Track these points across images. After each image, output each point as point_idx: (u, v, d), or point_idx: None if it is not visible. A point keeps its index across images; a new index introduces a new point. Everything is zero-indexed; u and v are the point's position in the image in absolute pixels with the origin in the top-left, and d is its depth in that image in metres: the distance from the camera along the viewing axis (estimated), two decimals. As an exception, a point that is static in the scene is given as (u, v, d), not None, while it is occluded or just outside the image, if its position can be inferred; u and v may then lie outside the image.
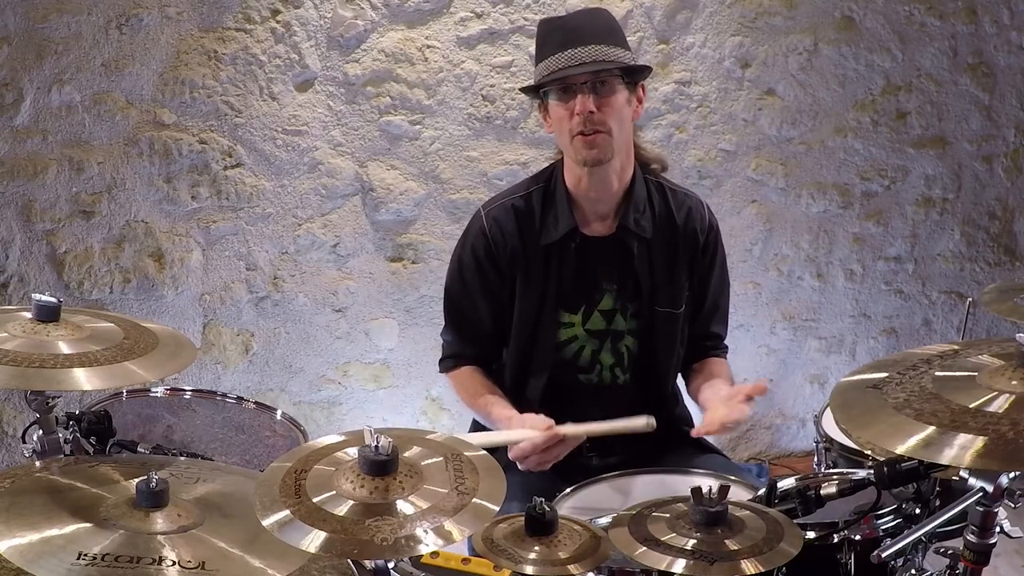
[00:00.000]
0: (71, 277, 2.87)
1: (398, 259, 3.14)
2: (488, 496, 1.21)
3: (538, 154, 3.09)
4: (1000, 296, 2.14)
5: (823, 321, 3.60)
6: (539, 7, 3.02)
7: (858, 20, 3.32)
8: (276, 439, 2.04)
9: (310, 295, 3.09)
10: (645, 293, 2.09)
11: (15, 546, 1.11)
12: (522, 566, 1.29)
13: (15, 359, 1.40)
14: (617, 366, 2.12)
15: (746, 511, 1.36)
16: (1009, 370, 1.26)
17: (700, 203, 2.15)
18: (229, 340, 3.06)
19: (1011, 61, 3.50)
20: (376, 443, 1.19)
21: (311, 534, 1.12)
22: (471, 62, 3.02)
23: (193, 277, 2.98)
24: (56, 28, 2.70)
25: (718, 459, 2.12)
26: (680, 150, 3.26)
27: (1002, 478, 1.24)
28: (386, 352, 3.20)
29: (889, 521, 1.60)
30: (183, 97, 2.84)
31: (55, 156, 2.79)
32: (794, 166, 3.41)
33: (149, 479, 1.21)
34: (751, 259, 3.46)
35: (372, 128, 3.00)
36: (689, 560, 1.24)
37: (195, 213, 2.94)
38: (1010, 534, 1.64)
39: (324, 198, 3.02)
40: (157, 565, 1.12)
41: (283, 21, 2.86)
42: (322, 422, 3.18)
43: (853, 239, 3.54)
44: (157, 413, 2.04)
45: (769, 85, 3.31)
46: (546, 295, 2.07)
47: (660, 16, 3.14)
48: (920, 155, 3.52)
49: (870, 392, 1.32)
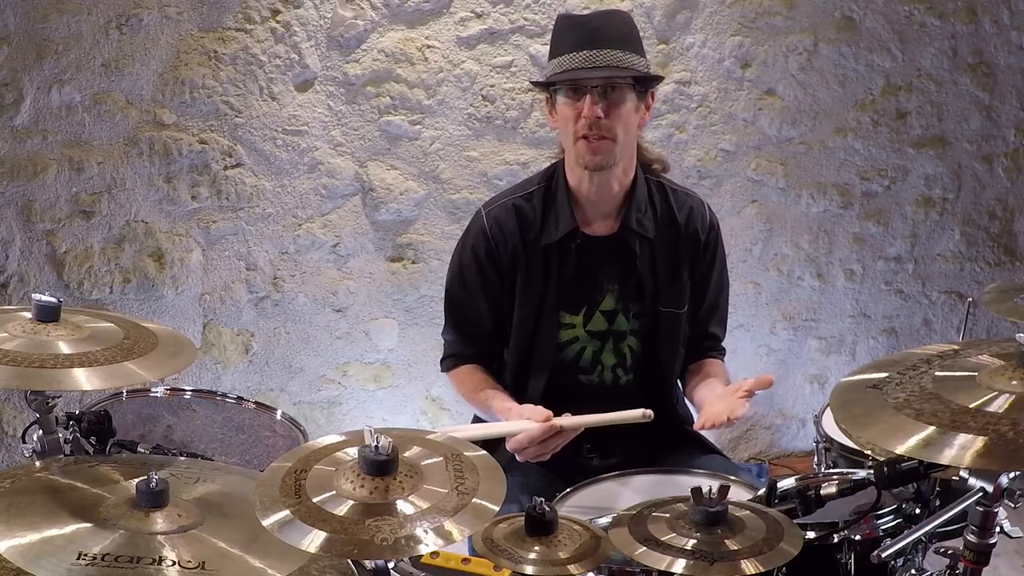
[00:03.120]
0: (71, 277, 2.87)
1: (398, 259, 3.14)
2: (488, 496, 1.21)
3: (538, 154, 3.09)
4: (1000, 296, 2.13)
5: (823, 321, 3.60)
6: (539, 7, 3.02)
7: (858, 20, 3.32)
8: (276, 439, 2.04)
9: (310, 295, 3.09)
10: (648, 293, 2.08)
11: (15, 546, 1.11)
12: (522, 566, 1.29)
13: (15, 359, 1.40)
14: (619, 367, 2.12)
15: (746, 511, 1.36)
16: (1009, 370, 1.26)
17: (701, 203, 2.15)
18: (229, 340, 3.06)
19: (1011, 61, 3.50)
20: (376, 443, 1.19)
21: (311, 534, 1.12)
22: (471, 62, 3.02)
23: (193, 277, 2.98)
24: (56, 28, 2.70)
25: (718, 459, 2.12)
26: (680, 150, 3.26)
27: (1002, 478, 1.24)
28: (386, 352, 3.20)
29: (889, 521, 1.60)
30: (183, 97, 2.84)
31: (55, 156, 2.79)
32: (794, 166, 3.41)
33: (149, 479, 1.21)
34: (751, 259, 3.46)
35: (372, 128, 3.00)
36: (689, 560, 1.24)
37: (195, 213, 2.94)
38: (1010, 534, 1.64)
39: (324, 198, 3.02)
40: (157, 565, 1.12)
41: (283, 21, 2.86)
42: (322, 422, 3.18)
43: (853, 239, 3.54)
44: (157, 413, 2.04)
45: (769, 85, 3.31)
46: (546, 296, 2.06)
47: (660, 16, 3.14)
48: (920, 155, 3.52)
49: (870, 392, 1.32)
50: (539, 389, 2.08)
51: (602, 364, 2.11)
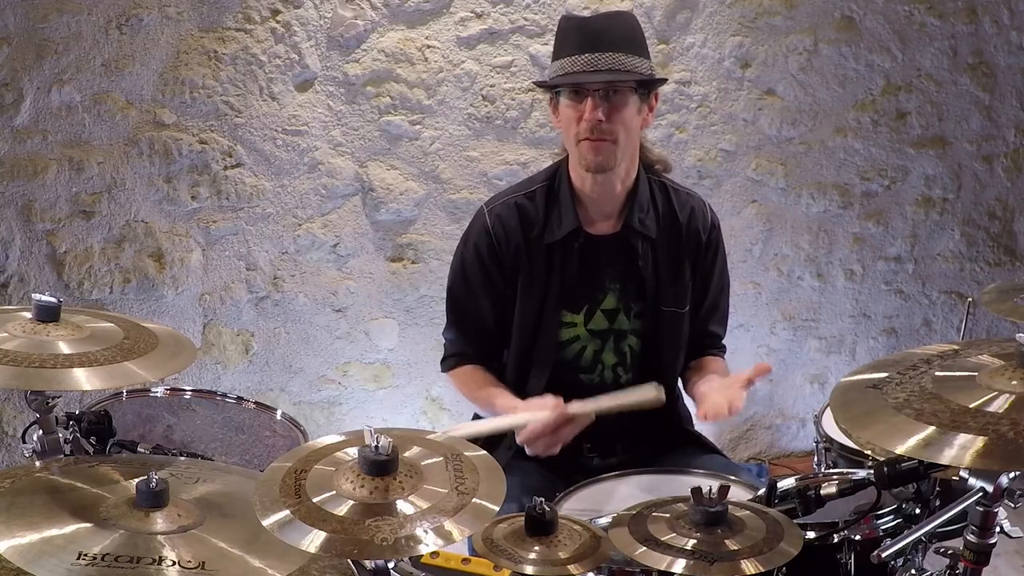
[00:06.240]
0: (71, 277, 2.87)
1: (398, 259, 3.14)
2: (488, 496, 1.21)
3: (538, 154, 3.09)
4: (1000, 296, 2.13)
5: (823, 321, 3.60)
6: (539, 7, 3.02)
7: (858, 20, 3.32)
8: (276, 439, 2.04)
9: (310, 295, 3.09)
10: (650, 293, 2.09)
11: (15, 546, 1.11)
12: (522, 566, 1.29)
13: (15, 359, 1.40)
14: (620, 366, 2.12)
15: (746, 511, 1.36)
16: (1009, 370, 1.26)
17: (702, 202, 2.16)
18: (229, 340, 3.06)
19: (1011, 61, 3.50)
20: (376, 443, 1.19)
21: (311, 534, 1.12)
22: (471, 62, 3.02)
23: (193, 277, 2.98)
24: (56, 28, 2.70)
25: (718, 459, 2.12)
26: (680, 150, 3.26)
27: (1002, 478, 1.24)
28: (386, 352, 3.20)
29: (889, 521, 1.61)
30: (183, 97, 2.84)
31: (55, 156, 2.79)
32: (794, 166, 3.41)
33: (149, 479, 1.21)
34: (751, 259, 3.46)
35: (372, 128, 3.00)
36: (689, 560, 1.24)
37: (195, 213, 2.94)
38: (1010, 534, 1.64)
39: (324, 198, 3.02)
40: (157, 565, 1.12)
41: (283, 21, 2.86)
42: (322, 422, 3.18)
43: (853, 239, 3.54)
44: (157, 413, 2.04)
45: (769, 85, 3.31)
46: (548, 294, 2.06)
47: (660, 16, 3.14)
48: (920, 155, 3.52)
49: (870, 392, 1.32)
50: (539, 388, 2.08)
51: (603, 363, 2.11)
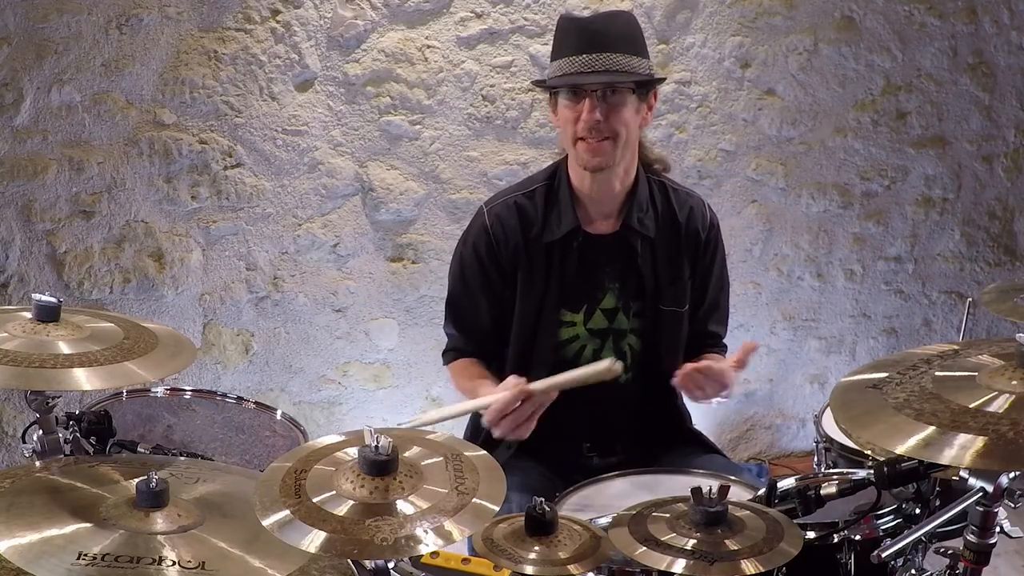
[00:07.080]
0: (71, 277, 2.87)
1: (398, 259, 3.14)
2: (488, 496, 1.21)
3: (538, 154, 3.09)
4: (1000, 296, 2.13)
5: (823, 321, 3.60)
6: (539, 7, 3.02)
7: (858, 20, 3.32)
8: (276, 439, 2.04)
9: (310, 295, 3.09)
10: (649, 292, 2.09)
11: (15, 546, 1.11)
12: (522, 566, 1.29)
13: (15, 359, 1.40)
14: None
15: (746, 511, 1.36)
16: (1009, 370, 1.26)
17: (702, 202, 2.16)
18: (229, 340, 3.06)
19: (1011, 61, 3.50)
20: (376, 443, 1.19)
21: (311, 534, 1.12)
22: (471, 62, 3.02)
23: (193, 277, 2.98)
24: (56, 28, 2.70)
25: (718, 459, 2.12)
26: (680, 150, 3.26)
27: (1002, 478, 1.24)
28: (386, 352, 3.20)
29: (889, 521, 1.60)
30: (183, 97, 2.84)
31: (55, 156, 2.78)
32: (794, 166, 3.41)
33: (149, 479, 1.21)
34: (751, 259, 3.46)
35: (372, 128, 3.00)
36: (689, 560, 1.24)
37: (195, 213, 2.94)
38: (1010, 534, 1.64)
39: (324, 198, 3.02)
40: (157, 565, 1.12)
41: (283, 21, 2.86)
42: (322, 422, 3.18)
43: (853, 239, 3.54)
44: (157, 413, 2.04)
45: (769, 85, 3.31)
46: (547, 294, 2.06)
47: (660, 16, 3.14)
48: (920, 155, 3.52)
49: (870, 392, 1.32)
50: (539, 387, 2.08)
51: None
